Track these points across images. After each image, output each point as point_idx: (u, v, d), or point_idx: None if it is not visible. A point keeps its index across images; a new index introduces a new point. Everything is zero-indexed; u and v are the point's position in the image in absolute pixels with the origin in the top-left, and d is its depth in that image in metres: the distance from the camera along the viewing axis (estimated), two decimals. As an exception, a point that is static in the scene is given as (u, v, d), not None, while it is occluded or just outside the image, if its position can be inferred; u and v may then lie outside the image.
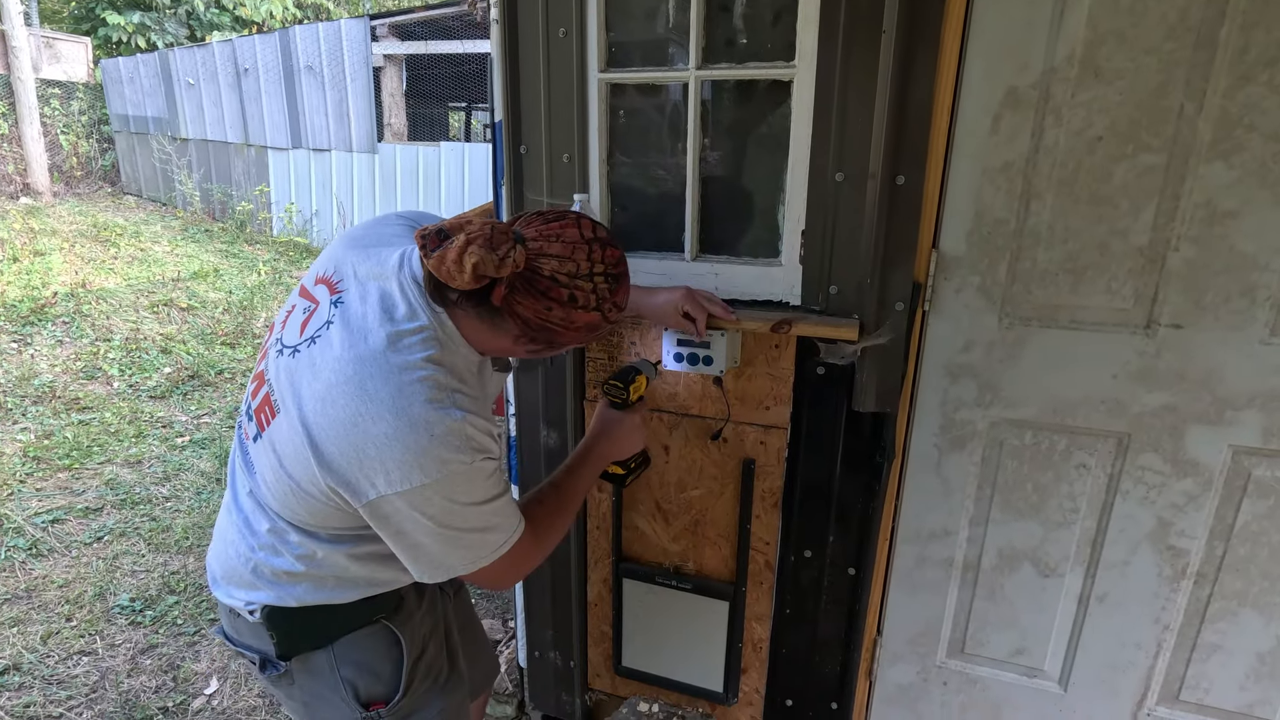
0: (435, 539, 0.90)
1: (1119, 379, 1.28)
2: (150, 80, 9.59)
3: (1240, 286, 1.18)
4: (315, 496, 0.91)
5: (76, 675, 2.15)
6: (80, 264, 6.18)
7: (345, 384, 0.86)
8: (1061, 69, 1.17)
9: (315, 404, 0.87)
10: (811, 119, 1.29)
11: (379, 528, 0.91)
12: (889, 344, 1.33)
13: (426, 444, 0.85)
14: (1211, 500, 1.29)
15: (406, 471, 0.85)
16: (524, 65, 1.45)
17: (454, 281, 0.82)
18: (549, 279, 0.85)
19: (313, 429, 0.87)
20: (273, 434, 0.93)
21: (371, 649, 1.06)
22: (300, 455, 0.89)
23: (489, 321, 0.90)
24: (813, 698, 1.60)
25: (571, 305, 0.87)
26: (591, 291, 0.87)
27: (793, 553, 1.52)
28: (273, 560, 0.99)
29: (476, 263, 0.80)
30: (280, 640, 1.02)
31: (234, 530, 1.03)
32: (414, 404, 0.85)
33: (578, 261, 0.86)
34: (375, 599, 1.04)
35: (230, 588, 1.04)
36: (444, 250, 0.81)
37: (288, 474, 0.92)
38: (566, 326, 0.89)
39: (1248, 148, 1.12)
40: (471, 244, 0.80)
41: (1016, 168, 1.23)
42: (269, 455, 0.94)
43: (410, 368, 0.87)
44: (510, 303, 0.87)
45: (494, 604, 2.55)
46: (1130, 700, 1.44)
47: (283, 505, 0.96)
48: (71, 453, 3.43)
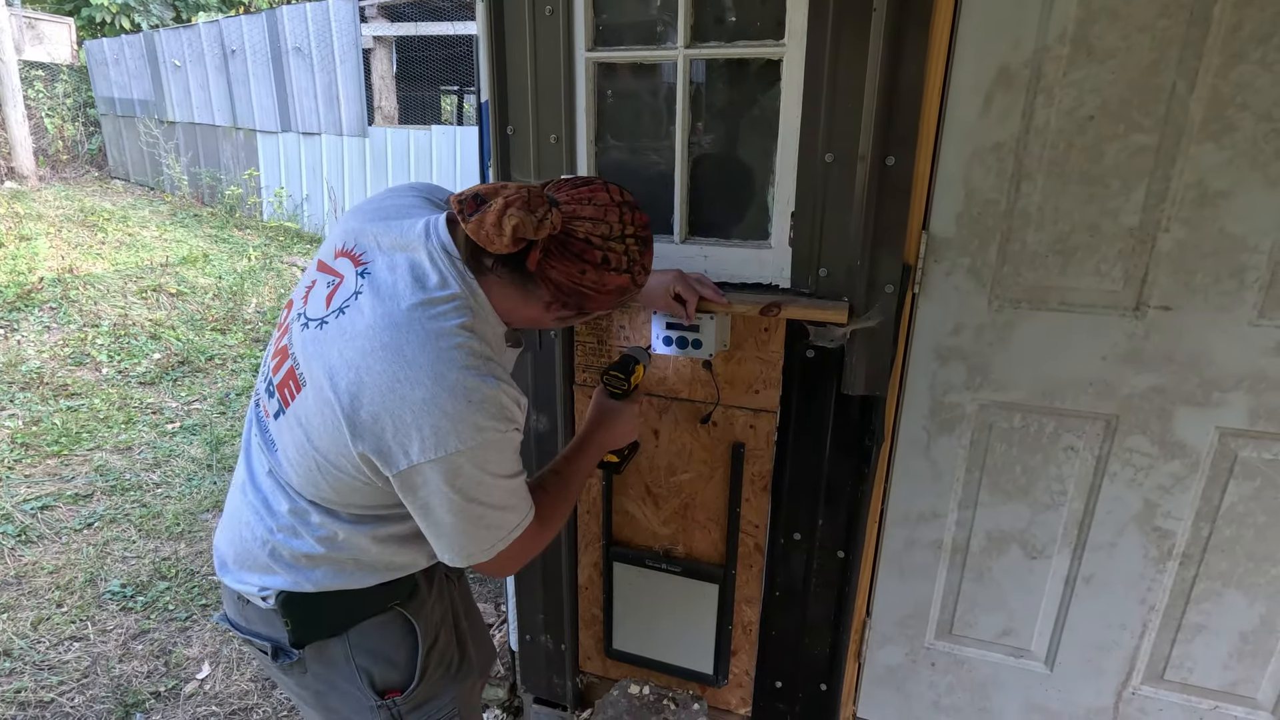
0: (460, 517, 0.89)
1: (1108, 361, 1.28)
2: (136, 62, 9.44)
3: (1230, 268, 1.18)
4: (343, 470, 0.89)
5: (68, 660, 2.15)
6: (67, 249, 6.12)
7: (382, 349, 0.84)
8: (1054, 47, 1.15)
9: (349, 371, 0.85)
10: (801, 99, 1.27)
11: (408, 500, 0.89)
12: (878, 327, 1.33)
13: (464, 409, 0.84)
14: (1198, 482, 1.30)
15: (442, 437, 0.83)
16: (510, 44, 1.43)
17: (493, 245, 0.83)
18: (583, 241, 0.87)
19: (345, 395, 0.85)
20: (298, 408, 0.91)
21: (386, 637, 1.04)
22: (331, 425, 0.86)
23: (521, 289, 0.91)
24: (802, 679, 1.61)
25: (604, 267, 0.88)
26: (624, 254, 0.89)
27: (782, 536, 1.52)
28: (292, 542, 0.96)
29: (516, 224, 0.81)
30: (295, 627, 1.00)
31: (250, 512, 1.00)
32: (452, 369, 0.84)
33: (610, 224, 0.88)
34: (392, 584, 1.02)
35: (242, 572, 1.01)
36: (482, 214, 0.82)
37: (314, 448, 0.89)
38: (599, 290, 0.90)
39: (1239, 127, 1.11)
40: (510, 206, 0.81)
41: (1007, 148, 1.22)
42: (293, 431, 0.91)
43: (446, 334, 0.86)
44: (544, 267, 0.87)
45: (486, 588, 2.56)
46: (1115, 679, 1.46)
47: (306, 482, 0.93)
48: (60, 439, 3.41)
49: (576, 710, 1.84)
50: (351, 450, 0.86)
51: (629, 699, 1.72)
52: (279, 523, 0.97)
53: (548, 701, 1.87)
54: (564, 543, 1.69)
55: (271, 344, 1.00)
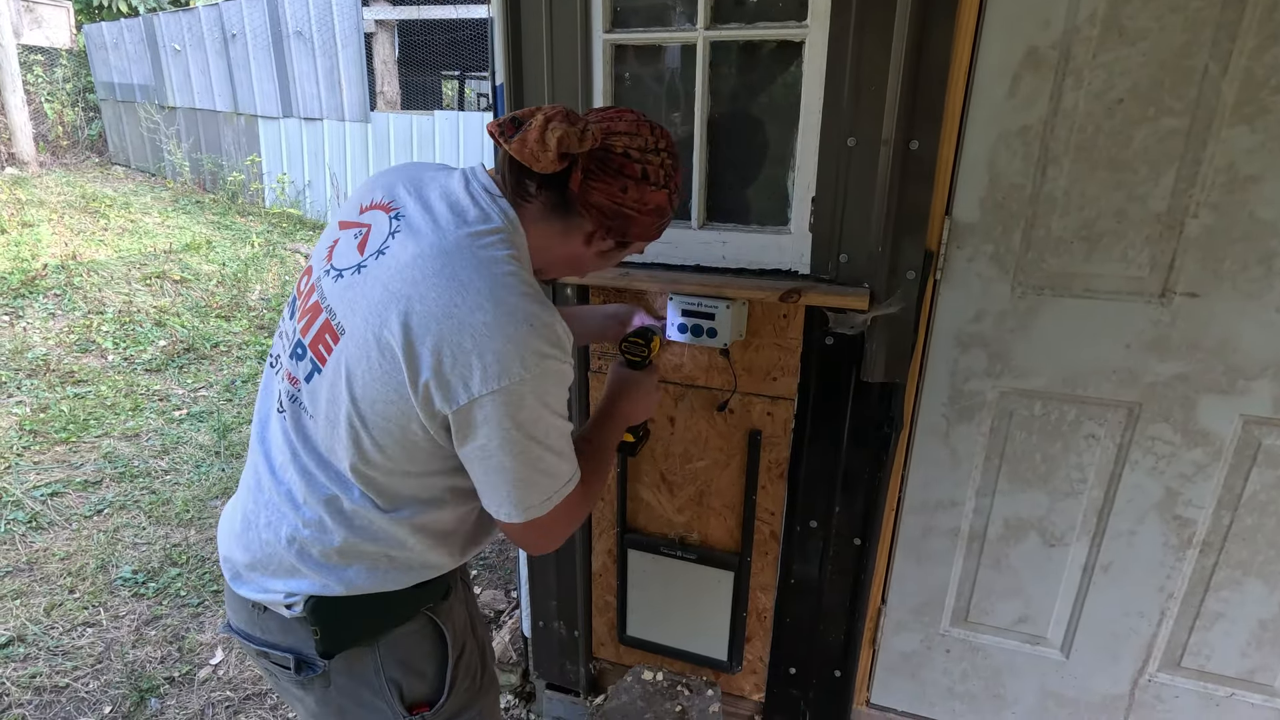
0: (520, 459, 0.84)
1: (1132, 349, 1.26)
2: (135, 46, 9.36)
3: (1258, 254, 1.16)
4: (391, 419, 0.83)
5: (81, 646, 2.16)
6: (70, 235, 6.09)
7: (435, 275, 0.81)
8: (1084, 28, 1.13)
9: (397, 302, 0.81)
10: (823, 82, 1.25)
11: (465, 446, 0.84)
12: (899, 313, 1.31)
13: (527, 334, 0.81)
14: (1220, 470, 1.29)
15: (506, 364, 0.79)
16: (526, 26, 1.40)
17: (538, 163, 0.81)
18: (622, 155, 0.86)
19: (397, 328, 0.80)
20: (338, 359, 0.85)
21: (417, 646, 0.99)
22: (379, 366, 0.81)
23: (563, 220, 0.90)
24: (816, 666, 1.62)
25: (645, 182, 0.88)
26: (660, 166, 0.89)
27: (798, 523, 1.52)
28: (322, 538, 0.90)
29: (561, 136, 0.79)
30: (325, 635, 0.93)
31: (269, 510, 0.93)
32: (511, 294, 0.82)
33: (645, 137, 0.88)
34: (427, 585, 0.97)
35: (263, 578, 0.94)
36: (524, 132, 0.81)
37: (356, 399, 0.83)
38: (640, 209, 0.89)
39: (1273, 111, 1.09)
40: (551, 120, 0.80)
41: (1034, 131, 1.20)
42: (334, 386, 0.85)
43: (499, 261, 0.83)
44: (586, 190, 0.87)
45: (497, 575, 2.57)
46: (1132, 667, 1.46)
47: (347, 447, 0.86)
48: (68, 426, 3.41)
49: (590, 696, 1.85)
50: (407, 390, 0.81)
51: (642, 685, 1.72)
52: (306, 516, 0.91)
53: (561, 687, 1.88)
54: (578, 529, 1.69)
55: (292, 310, 0.95)
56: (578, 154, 0.84)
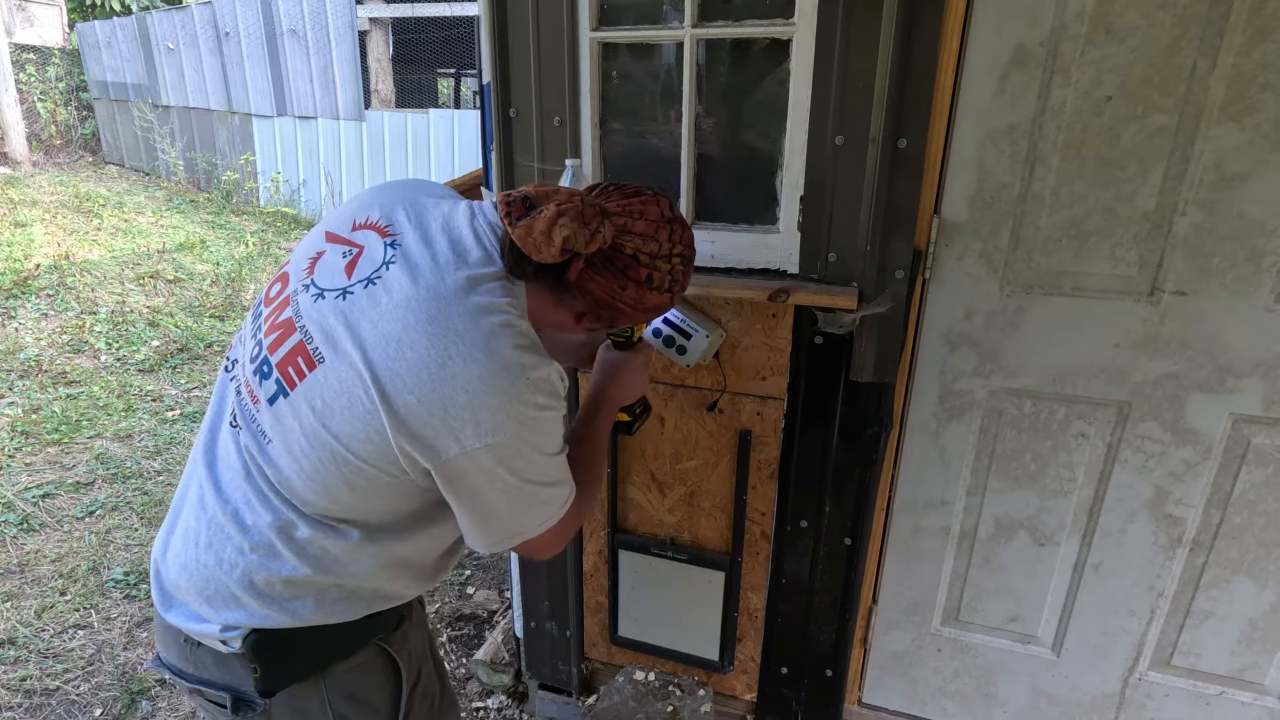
0: (513, 498, 0.82)
1: (1121, 347, 1.26)
2: (129, 45, 9.32)
3: (1247, 252, 1.16)
4: (367, 461, 0.79)
5: (72, 648, 2.15)
6: (63, 235, 6.07)
7: (428, 323, 0.77)
8: (1072, 25, 1.12)
9: (387, 346, 0.76)
10: (811, 80, 1.24)
11: (450, 490, 0.81)
12: (888, 313, 1.31)
13: (523, 389, 0.78)
14: (1210, 469, 1.28)
15: (500, 420, 0.77)
16: (513, 24, 1.39)
17: (539, 254, 0.77)
18: (630, 258, 0.82)
19: (384, 375, 0.76)
20: (311, 389, 0.79)
21: (366, 678, 0.93)
22: (360, 408, 0.77)
23: (556, 296, 0.87)
24: (808, 665, 1.61)
25: (646, 285, 0.84)
26: (668, 273, 0.85)
27: (789, 523, 1.51)
28: (269, 565, 0.83)
29: (567, 236, 0.76)
30: (266, 673, 0.85)
31: (212, 529, 0.86)
32: (506, 347, 0.78)
33: (660, 241, 0.84)
34: (379, 616, 0.92)
35: (200, 607, 0.86)
36: (531, 221, 0.77)
37: (331, 434, 0.78)
38: (635, 306, 0.86)
39: (1261, 108, 1.08)
40: (562, 216, 0.76)
41: (1022, 130, 1.20)
42: (302, 417, 0.79)
43: (495, 310, 0.79)
44: (584, 279, 0.83)
45: (490, 575, 2.56)
46: (1122, 665, 1.46)
47: (310, 481, 0.80)
48: (60, 427, 3.39)
49: (582, 696, 1.85)
50: (387, 437, 0.76)
51: (634, 685, 1.72)
52: (253, 540, 0.83)
53: (553, 687, 1.88)
54: (569, 530, 1.68)
55: (257, 321, 0.88)
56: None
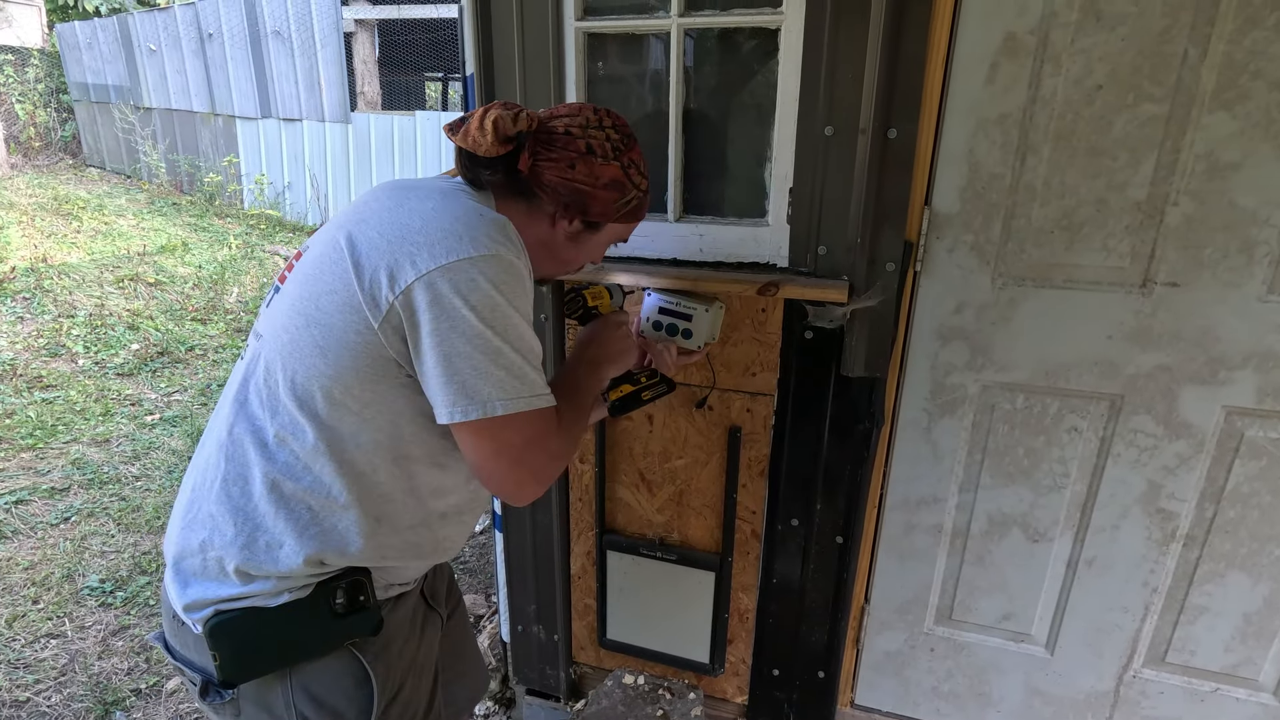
0: (473, 342, 0.79)
1: (1113, 340, 1.25)
2: (110, 46, 9.19)
3: (1239, 243, 1.15)
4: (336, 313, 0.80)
5: (44, 658, 2.08)
6: (40, 238, 5.96)
7: (390, 190, 0.89)
8: (1062, 13, 1.11)
9: (359, 210, 0.87)
10: (800, 70, 1.22)
11: (416, 334, 0.79)
12: (879, 306, 1.29)
13: (476, 220, 0.83)
14: (1203, 462, 1.27)
15: (452, 243, 0.80)
16: (496, 13, 1.36)
17: (480, 146, 0.86)
18: (564, 134, 0.90)
19: (352, 226, 0.84)
20: (298, 272, 0.87)
21: (334, 684, 0.89)
22: (331, 262, 0.82)
23: (526, 204, 0.93)
24: (800, 667, 1.59)
25: (590, 156, 0.91)
26: (605, 140, 0.92)
27: (779, 522, 1.49)
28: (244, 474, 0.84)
29: (496, 119, 0.85)
30: (225, 661, 0.84)
31: (195, 472, 0.89)
32: (462, 198, 0.88)
33: (585, 116, 0.92)
34: (352, 617, 0.88)
35: (172, 577, 0.87)
36: (467, 124, 0.87)
37: (307, 297, 0.82)
38: (593, 184, 0.91)
39: (1252, 96, 1.07)
40: (489, 110, 0.87)
41: (1013, 119, 1.18)
42: (289, 295, 0.85)
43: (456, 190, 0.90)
44: (536, 170, 0.90)
45: (477, 579, 2.52)
46: (1116, 662, 1.44)
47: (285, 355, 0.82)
48: (35, 432, 3.31)
49: (570, 701, 1.81)
50: (352, 283, 0.80)
51: (623, 689, 1.68)
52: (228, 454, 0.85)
53: (540, 693, 1.84)
54: (556, 531, 1.65)
55: None
56: (522, 137, 0.88)
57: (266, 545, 0.84)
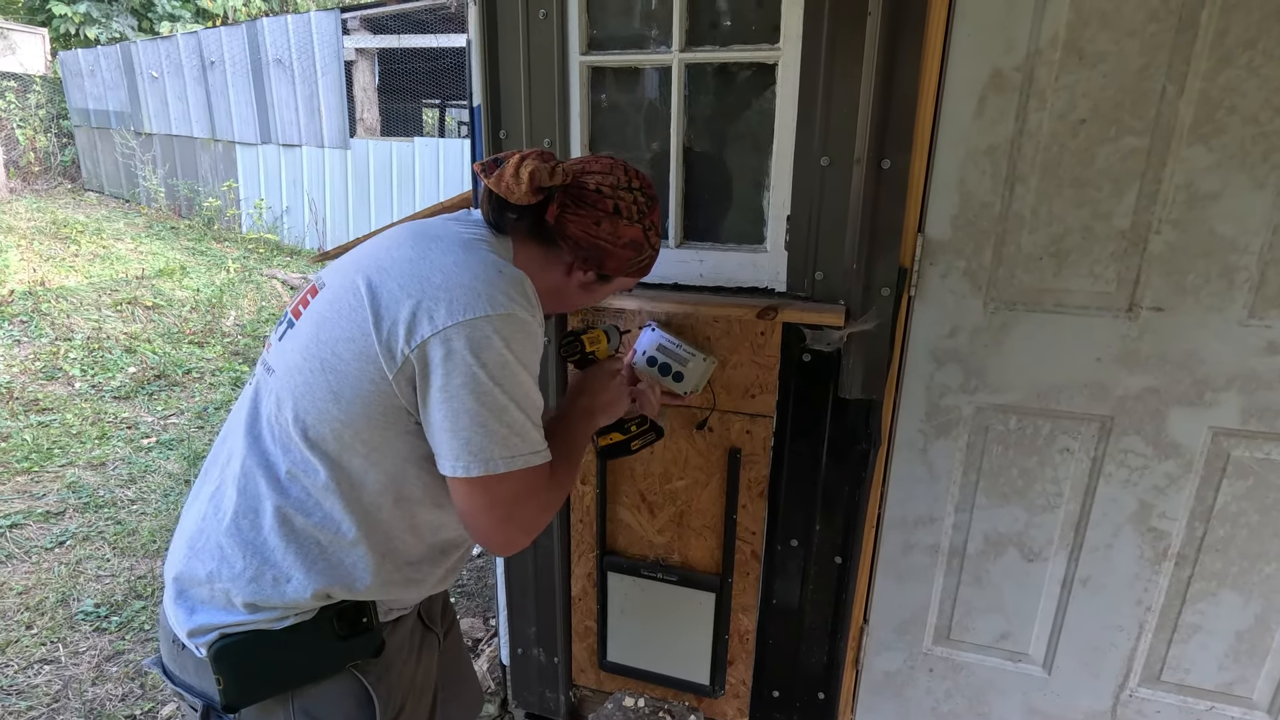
0: (483, 402, 0.81)
1: (1102, 362, 1.28)
2: (112, 73, 9.31)
3: (1219, 269, 1.19)
4: (351, 360, 0.82)
5: (37, 685, 2.06)
6: (39, 261, 5.97)
7: (414, 237, 0.90)
8: (1045, 51, 1.17)
9: (378, 255, 0.88)
10: (797, 102, 1.27)
11: (427, 385, 0.81)
12: (875, 330, 1.32)
13: (495, 278, 0.85)
14: (1192, 482, 1.30)
15: (470, 300, 0.81)
16: (503, 48, 1.42)
17: (513, 194, 0.87)
18: (595, 191, 0.93)
19: (372, 272, 0.85)
20: (313, 310, 0.89)
21: (335, 706, 0.91)
22: (348, 307, 0.84)
23: (544, 250, 0.95)
24: (800, 688, 1.59)
25: (617, 216, 0.93)
26: (633, 203, 0.94)
27: (779, 542, 1.50)
28: (255, 507, 0.85)
29: (533, 171, 0.87)
30: (230, 685, 0.85)
31: (200, 500, 0.90)
32: (482, 250, 0.89)
33: (617, 175, 0.95)
34: (354, 639, 0.90)
35: (176, 603, 0.88)
36: (501, 169, 0.88)
37: (322, 340, 0.84)
38: (614, 242, 0.94)
39: (1228, 130, 1.13)
40: (526, 159, 0.88)
41: (1001, 151, 1.23)
42: (299, 338, 0.87)
43: (478, 242, 0.91)
44: (562, 221, 0.92)
45: (475, 602, 2.51)
46: (1113, 682, 1.46)
47: (298, 396, 0.84)
48: (30, 455, 3.30)
49: (570, 725, 1.80)
50: (369, 331, 0.82)
51: (624, 712, 1.68)
52: (240, 486, 0.86)
53: (540, 716, 1.83)
54: (556, 553, 1.66)
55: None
56: (553, 189, 0.90)
57: (274, 579, 0.86)
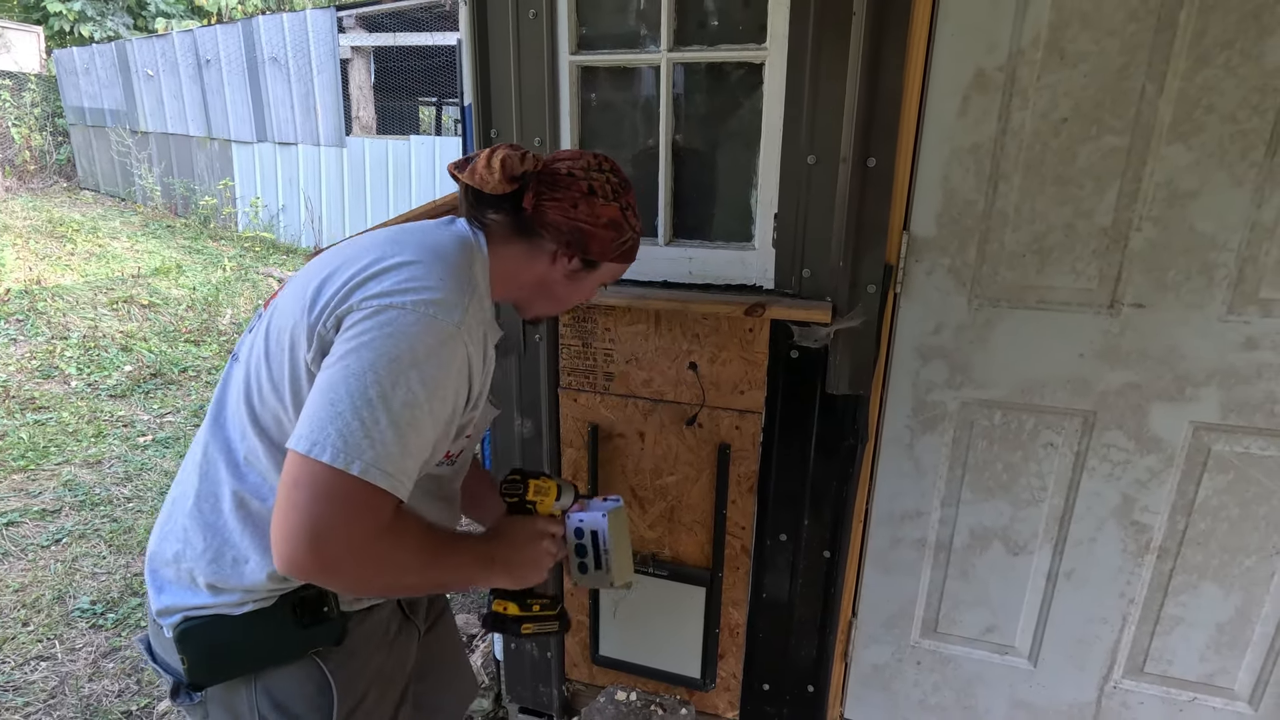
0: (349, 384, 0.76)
1: (1085, 358, 1.30)
2: (107, 71, 9.28)
3: (1199, 265, 1.21)
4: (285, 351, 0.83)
5: (34, 681, 2.07)
6: (34, 260, 5.97)
7: (386, 234, 0.91)
8: (1027, 51, 1.18)
9: (344, 249, 0.90)
10: (783, 102, 1.29)
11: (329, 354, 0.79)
12: (861, 326, 1.34)
13: (440, 278, 0.84)
14: (1173, 476, 1.32)
15: (409, 286, 0.81)
16: (494, 47, 1.43)
17: (487, 184, 0.90)
18: (567, 175, 0.95)
19: (334, 264, 0.86)
20: (276, 300, 0.91)
21: (297, 690, 0.92)
22: (298, 293, 0.85)
23: (526, 244, 0.96)
24: (789, 681, 1.61)
25: (593, 196, 0.95)
26: (606, 182, 0.96)
27: (768, 537, 1.52)
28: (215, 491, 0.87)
29: (504, 158, 0.89)
30: (193, 665, 0.88)
31: (180, 484, 0.93)
32: (447, 245, 0.89)
33: (586, 159, 0.97)
34: (316, 627, 0.90)
35: (157, 579, 0.91)
36: (474, 162, 0.91)
37: (278, 326, 0.85)
38: (594, 223, 0.95)
39: (1206, 129, 1.14)
40: (496, 150, 0.91)
41: (985, 149, 1.25)
42: (261, 328, 0.89)
43: (446, 240, 0.90)
44: (540, 209, 0.93)
45: (469, 599, 2.53)
46: (1097, 674, 1.48)
47: (255, 381, 0.86)
48: (27, 453, 3.31)
49: (563, 719, 1.82)
50: (304, 312, 0.82)
51: (616, 705, 1.70)
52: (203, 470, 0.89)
53: (534, 711, 1.85)
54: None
55: None
56: (527, 176, 0.92)
57: (233, 560, 0.87)
